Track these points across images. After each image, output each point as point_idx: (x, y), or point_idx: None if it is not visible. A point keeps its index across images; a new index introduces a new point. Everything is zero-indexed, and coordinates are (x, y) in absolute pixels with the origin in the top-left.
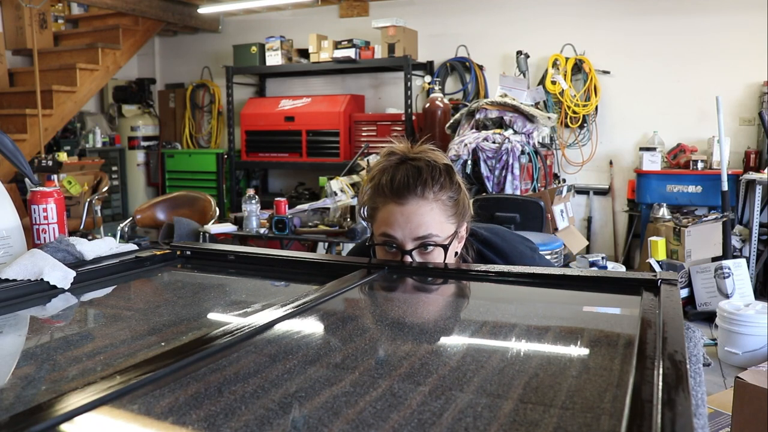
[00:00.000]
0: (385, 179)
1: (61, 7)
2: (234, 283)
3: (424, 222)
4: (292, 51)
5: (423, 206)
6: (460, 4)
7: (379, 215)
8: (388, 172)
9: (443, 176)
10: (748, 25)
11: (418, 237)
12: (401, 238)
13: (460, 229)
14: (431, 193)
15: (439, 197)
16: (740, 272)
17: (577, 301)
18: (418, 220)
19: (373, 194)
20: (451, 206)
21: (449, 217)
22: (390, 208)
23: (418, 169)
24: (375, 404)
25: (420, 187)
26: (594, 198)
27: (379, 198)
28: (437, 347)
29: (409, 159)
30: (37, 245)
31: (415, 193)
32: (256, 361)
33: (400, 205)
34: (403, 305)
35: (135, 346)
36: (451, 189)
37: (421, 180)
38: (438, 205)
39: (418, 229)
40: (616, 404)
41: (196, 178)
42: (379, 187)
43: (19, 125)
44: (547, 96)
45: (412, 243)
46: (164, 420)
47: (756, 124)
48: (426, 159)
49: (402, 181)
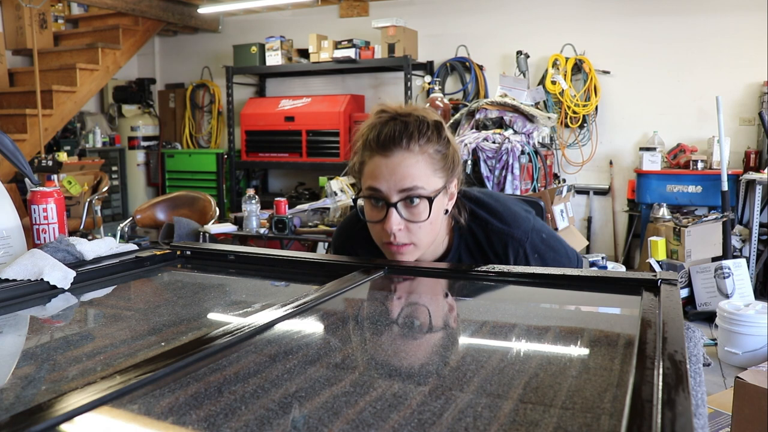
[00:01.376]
0: (373, 134)
1: (61, 7)
2: (234, 283)
3: (409, 174)
4: (292, 51)
5: (408, 158)
6: (460, 4)
7: (366, 169)
8: (376, 128)
9: (431, 130)
10: (748, 25)
11: (403, 189)
12: (386, 190)
13: (449, 185)
14: (417, 146)
15: (425, 150)
16: (740, 272)
17: (577, 301)
18: (403, 171)
19: (361, 149)
20: (438, 160)
21: (436, 170)
22: (376, 161)
23: (405, 124)
24: (375, 404)
25: (405, 139)
26: (594, 198)
27: (366, 152)
28: (437, 347)
29: (399, 115)
30: (37, 245)
31: (400, 146)
32: (256, 361)
33: (385, 158)
34: (402, 305)
35: (135, 346)
36: (438, 143)
37: (407, 133)
38: (424, 157)
39: (403, 180)
40: (616, 404)
41: (196, 178)
42: (367, 142)
43: (19, 125)
44: (547, 96)
45: (397, 195)
46: (164, 420)
47: (756, 124)
48: (416, 115)
49: (388, 134)
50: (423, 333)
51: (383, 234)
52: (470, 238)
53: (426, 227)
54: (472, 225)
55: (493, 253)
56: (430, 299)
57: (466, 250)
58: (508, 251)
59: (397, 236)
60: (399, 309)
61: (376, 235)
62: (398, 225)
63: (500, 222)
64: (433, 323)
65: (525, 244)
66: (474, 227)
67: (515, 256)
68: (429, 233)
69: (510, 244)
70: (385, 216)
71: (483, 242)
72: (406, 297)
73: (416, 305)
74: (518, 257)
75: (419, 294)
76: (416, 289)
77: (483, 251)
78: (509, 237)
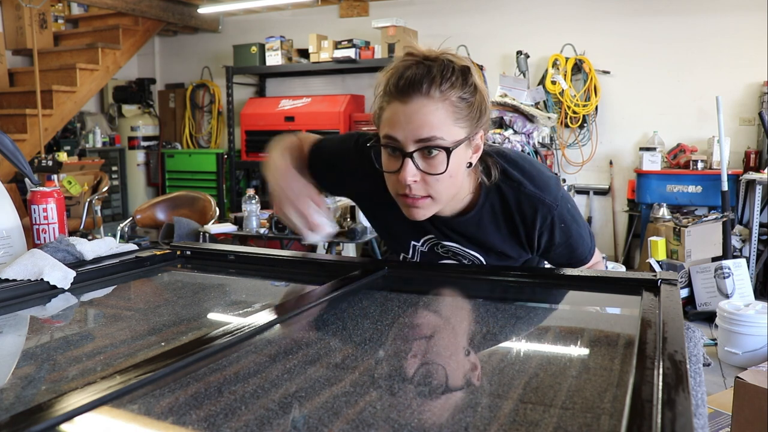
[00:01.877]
0: (393, 79)
1: (61, 7)
2: (234, 283)
3: (427, 122)
4: (292, 51)
5: (427, 105)
6: (460, 4)
7: (384, 115)
8: (398, 72)
9: (456, 75)
10: (748, 25)
11: (420, 138)
12: (402, 139)
13: (473, 136)
14: (437, 92)
15: (447, 96)
16: (740, 272)
17: (577, 301)
18: (421, 119)
19: (382, 95)
20: (462, 108)
21: (458, 119)
22: (394, 107)
23: (429, 68)
24: (375, 404)
25: (426, 84)
26: (594, 198)
27: (386, 98)
28: (437, 347)
29: (425, 59)
30: (37, 245)
31: (419, 91)
32: (256, 361)
33: (403, 104)
34: (402, 305)
35: (135, 346)
36: (463, 89)
37: (429, 78)
38: (445, 105)
39: (421, 129)
40: (616, 404)
41: (196, 178)
42: (387, 87)
43: (19, 125)
44: (547, 96)
45: (414, 145)
46: (164, 420)
47: (756, 124)
48: (442, 59)
49: (408, 79)
50: (422, 333)
51: (398, 185)
52: (497, 198)
53: (445, 180)
54: (502, 185)
55: (520, 216)
56: (429, 299)
57: (491, 210)
58: (537, 216)
59: (413, 188)
60: (398, 308)
61: (392, 186)
62: (414, 176)
63: (533, 185)
64: (432, 323)
65: (554, 211)
66: (504, 187)
67: (542, 222)
68: (448, 187)
69: (540, 209)
70: (400, 166)
71: (512, 204)
72: (406, 297)
73: (416, 305)
74: (545, 224)
75: (419, 294)
76: (416, 289)
77: (509, 213)
78: (540, 202)
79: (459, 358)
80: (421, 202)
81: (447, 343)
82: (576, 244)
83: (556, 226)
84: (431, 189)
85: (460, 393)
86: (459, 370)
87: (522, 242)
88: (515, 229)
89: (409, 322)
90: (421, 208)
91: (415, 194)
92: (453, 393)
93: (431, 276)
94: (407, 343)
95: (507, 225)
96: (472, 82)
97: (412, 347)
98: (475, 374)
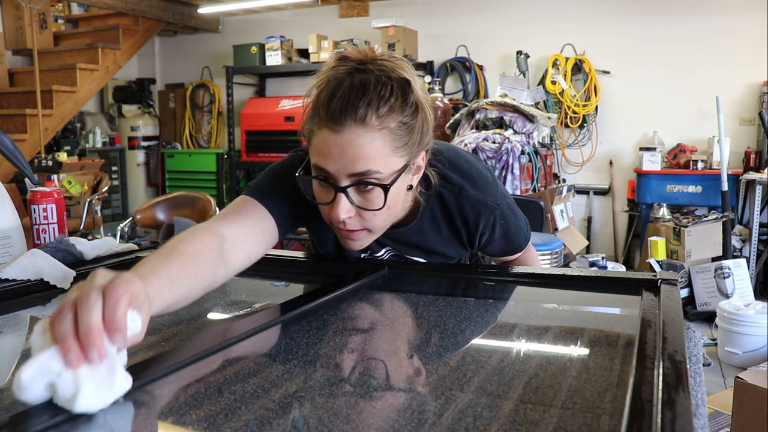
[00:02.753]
0: (324, 95)
1: (61, 7)
2: (234, 283)
3: (362, 155)
4: (292, 51)
5: (362, 135)
6: (460, 4)
7: (314, 141)
8: (330, 86)
9: (394, 95)
10: (748, 25)
11: (354, 173)
12: (334, 172)
13: (414, 161)
14: (374, 118)
15: (385, 124)
16: (740, 272)
17: (577, 301)
18: (355, 152)
19: (311, 115)
20: (401, 135)
21: (397, 148)
22: (324, 135)
23: (363, 86)
24: (375, 404)
25: (362, 109)
26: (594, 198)
27: (315, 120)
28: (437, 347)
29: (359, 69)
30: (37, 245)
31: (353, 118)
32: (256, 361)
33: (334, 133)
34: (402, 305)
35: (135, 346)
36: (403, 113)
37: (364, 101)
38: (383, 134)
39: (354, 164)
40: (616, 404)
41: (196, 178)
42: (317, 106)
43: (19, 125)
44: (547, 96)
45: (347, 179)
46: (164, 420)
47: (756, 124)
48: (378, 71)
49: (341, 102)
50: (422, 333)
51: (332, 218)
52: (437, 204)
53: (382, 214)
54: (442, 190)
55: (462, 219)
56: (429, 299)
57: (431, 215)
58: (480, 218)
59: (348, 223)
60: (398, 308)
61: (325, 216)
62: (347, 213)
63: (474, 188)
64: (432, 323)
65: (496, 211)
66: (444, 192)
67: (485, 223)
68: (386, 218)
69: (483, 211)
70: (333, 199)
71: (452, 208)
72: (405, 297)
73: (415, 305)
74: (487, 224)
75: (419, 294)
76: (416, 289)
77: (450, 217)
78: (482, 204)
79: (458, 358)
80: (357, 235)
81: (447, 343)
82: (513, 236)
83: (497, 224)
84: (368, 222)
85: (459, 393)
86: (459, 370)
87: (463, 242)
88: (457, 232)
89: (409, 322)
90: (357, 240)
91: (350, 228)
92: (453, 393)
93: (431, 276)
94: (407, 343)
95: (448, 228)
96: (412, 102)
97: (412, 347)
98: (475, 374)
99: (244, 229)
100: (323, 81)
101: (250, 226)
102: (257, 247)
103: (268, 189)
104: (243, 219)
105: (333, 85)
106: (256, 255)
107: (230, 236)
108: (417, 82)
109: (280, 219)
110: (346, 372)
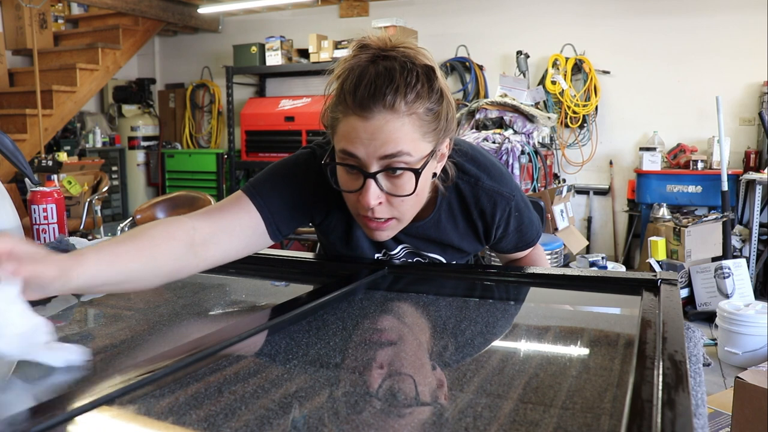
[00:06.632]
0: (349, 83)
1: (61, 7)
2: (234, 283)
3: (393, 138)
4: (292, 51)
5: (392, 121)
6: (460, 4)
7: (340, 128)
8: (354, 74)
9: (420, 82)
10: (748, 25)
11: (384, 155)
12: (364, 157)
13: (439, 147)
14: (403, 104)
15: (413, 110)
16: (740, 272)
17: (577, 301)
18: (385, 136)
19: (336, 102)
20: (429, 121)
21: (425, 134)
22: (352, 122)
23: (390, 73)
24: (375, 404)
25: (390, 96)
26: (594, 198)
27: (341, 107)
28: (437, 347)
29: (382, 56)
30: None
31: (382, 104)
32: (256, 361)
33: (363, 120)
34: (402, 305)
35: (135, 346)
36: (429, 99)
37: (392, 87)
38: (411, 119)
39: (386, 146)
40: (616, 404)
41: (196, 178)
42: (342, 94)
43: (19, 125)
44: (547, 96)
45: (377, 164)
46: (164, 420)
47: (756, 124)
48: (402, 58)
49: (368, 89)
50: (422, 333)
51: (359, 206)
52: (455, 196)
53: (411, 200)
54: (459, 181)
55: (478, 211)
56: (429, 299)
57: (448, 208)
58: (496, 210)
59: (377, 211)
60: (398, 309)
61: (351, 206)
62: (377, 199)
63: (490, 179)
64: (432, 323)
65: (512, 202)
66: (461, 184)
67: (502, 214)
68: (415, 205)
69: (499, 202)
70: (362, 186)
71: (469, 200)
72: (406, 297)
73: (416, 305)
74: (503, 216)
75: (419, 294)
76: (416, 289)
77: (467, 209)
78: (499, 195)
79: (458, 358)
80: (386, 225)
81: (446, 343)
82: (526, 229)
83: (513, 215)
84: (396, 210)
85: (460, 393)
86: (458, 370)
87: (479, 235)
88: (473, 224)
89: (409, 322)
90: (385, 230)
91: (379, 217)
92: (453, 393)
93: (431, 276)
94: (407, 343)
95: (465, 220)
96: (438, 88)
97: (412, 347)
98: (475, 374)
99: (221, 225)
100: (346, 69)
101: (229, 221)
102: (235, 243)
103: (263, 186)
104: (222, 214)
105: (357, 72)
106: (234, 251)
107: (203, 229)
108: (439, 70)
109: (269, 218)
110: (345, 372)
